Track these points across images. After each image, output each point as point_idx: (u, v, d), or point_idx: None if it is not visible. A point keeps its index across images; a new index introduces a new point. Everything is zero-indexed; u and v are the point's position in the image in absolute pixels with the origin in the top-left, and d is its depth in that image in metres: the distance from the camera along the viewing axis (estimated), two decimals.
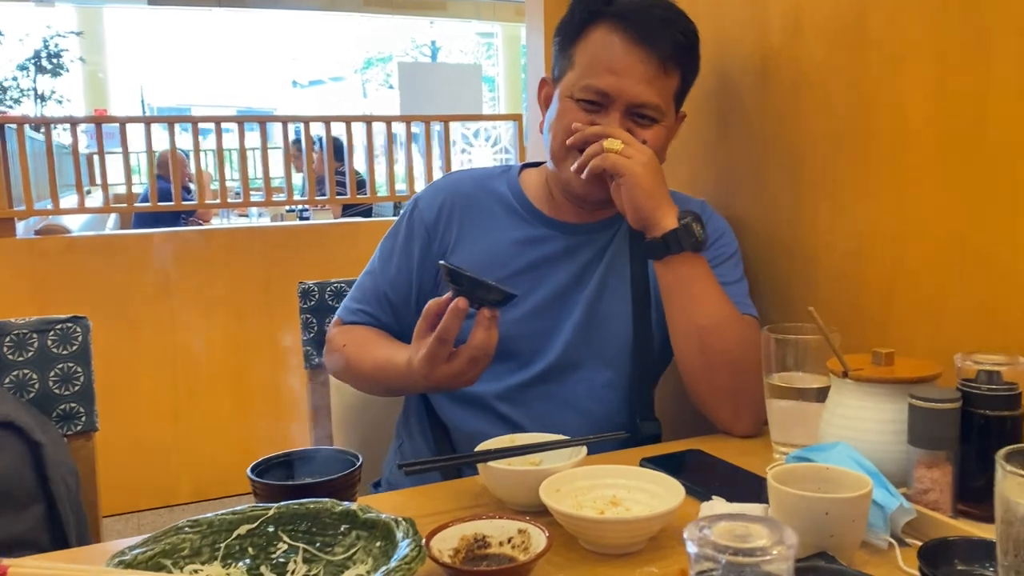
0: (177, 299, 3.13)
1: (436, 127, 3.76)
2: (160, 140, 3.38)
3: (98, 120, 3.25)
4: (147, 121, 3.16)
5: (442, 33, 17.04)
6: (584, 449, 0.98)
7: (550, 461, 1.00)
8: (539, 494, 0.86)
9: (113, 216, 5.44)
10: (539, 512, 0.87)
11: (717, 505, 0.88)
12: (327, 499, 0.80)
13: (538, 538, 0.79)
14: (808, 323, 1.08)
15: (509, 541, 0.82)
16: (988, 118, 1.00)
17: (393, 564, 0.67)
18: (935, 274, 1.08)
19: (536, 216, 1.26)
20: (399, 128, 3.78)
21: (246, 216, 5.89)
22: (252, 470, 0.89)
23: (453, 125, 3.80)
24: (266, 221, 5.31)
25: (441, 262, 1.00)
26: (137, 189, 5.30)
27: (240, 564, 0.77)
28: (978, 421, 0.85)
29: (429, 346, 0.99)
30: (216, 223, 5.40)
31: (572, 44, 1.19)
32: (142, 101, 12.57)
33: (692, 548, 0.51)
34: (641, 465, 1.05)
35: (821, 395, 1.05)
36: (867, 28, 1.15)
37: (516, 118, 4.13)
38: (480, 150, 6.53)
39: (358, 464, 0.90)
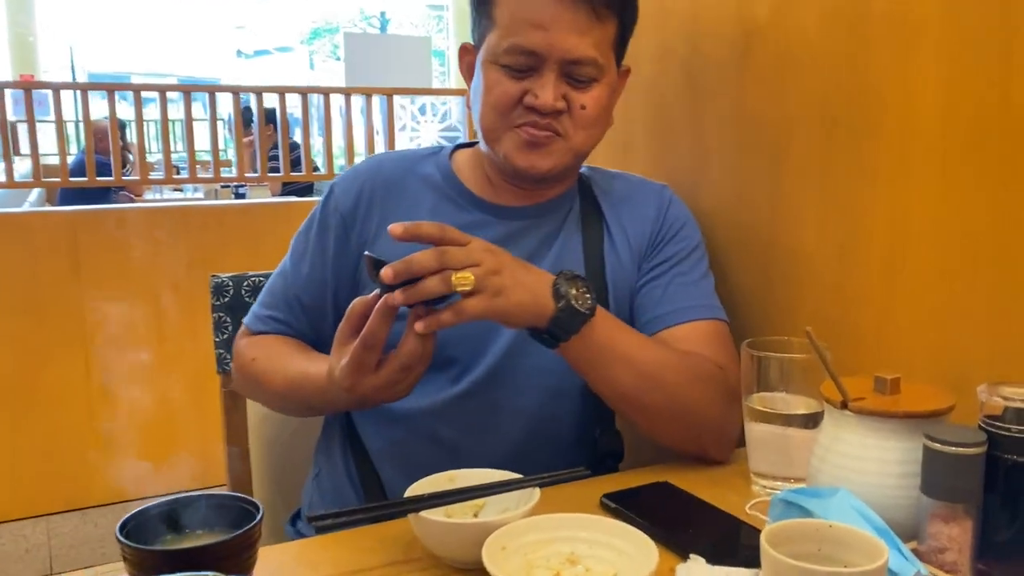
0: (88, 284, 2.86)
1: (379, 103, 3.54)
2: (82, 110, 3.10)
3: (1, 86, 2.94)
4: (56, 88, 2.88)
5: (392, 4, 16.62)
6: (536, 492, 0.82)
7: (495, 505, 0.84)
8: (481, 555, 0.70)
9: (36, 192, 5.09)
10: (481, 570, 0.71)
11: (695, 568, 0.73)
12: (212, 575, 0.63)
13: None
14: (793, 337, 0.95)
15: None
16: (1010, 102, 0.86)
17: None
18: (941, 281, 0.94)
19: (470, 200, 1.10)
20: (339, 101, 3.55)
21: (180, 191, 5.58)
22: (122, 528, 0.71)
23: (399, 100, 3.58)
24: (200, 197, 5.01)
25: (366, 253, 0.85)
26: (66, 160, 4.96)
27: None
28: (1005, 467, 0.72)
29: (353, 353, 0.85)
30: (149, 198, 5.09)
31: (489, 0, 1.03)
32: (72, 67, 11.93)
33: None
34: (601, 503, 0.90)
35: (809, 421, 0.91)
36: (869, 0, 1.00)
37: (464, 93, 3.92)
38: (428, 126, 6.28)
39: (256, 519, 0.72)
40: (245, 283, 1.31)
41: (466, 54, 1.10)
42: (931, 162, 0.94)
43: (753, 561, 0.71)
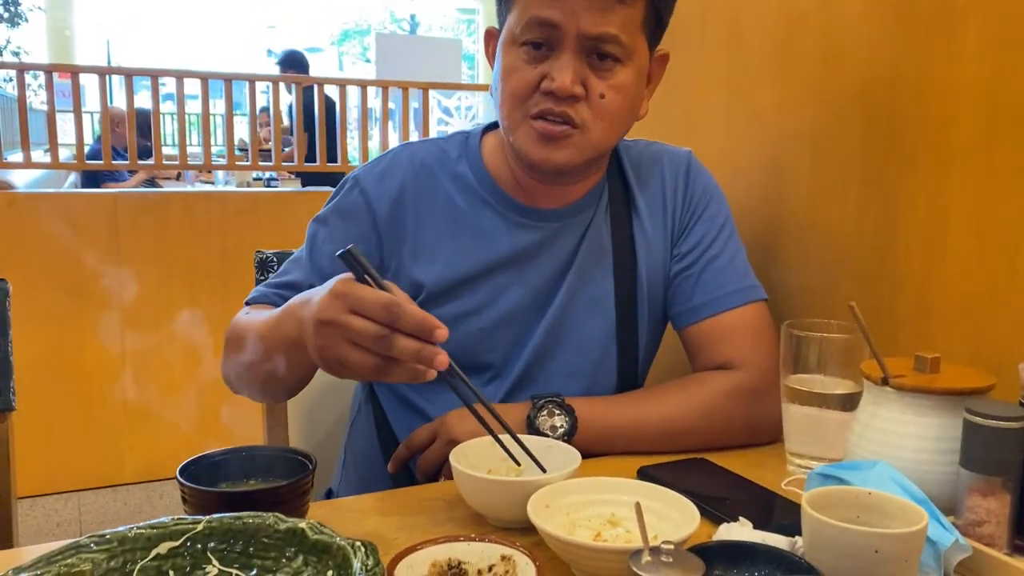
0: (127, 264, 2.92)
1: (414, 97, 3.58)
2: (121, 99, 3.16)
3: (50, 69, 3.01)
4: (102, 72, 2.94)
5: (422, 7, 16.73)
6: (577, 456, 0.84)
7: (536, 468, 0.86)
8: (527, 510, 0.72)
9: (72, 176, 5.19)
10: (524, 529, 0.75)
11: (736, 528, 0.75)
12: (269, 514, 0.66)
13: (524, 568, 0.66)
14: (832, 319, 0.96)
15: (490, 570, 0.68)
16: None
17: None
18: (980, 269, 0.95)
19: (506, 204, 1.06)
20: (375, 103, 3.59)
21: (211, 183, 5.66)
22: (183, 471, 0.74)
23: (431, 95, 3.62)
24: (232, 189, 5.08)
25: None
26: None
27: None
28: None
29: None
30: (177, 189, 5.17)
31: None
32: (108, 59, 12.12)
33: None
34: (639, 474, 0.91)
35: (846, 402, 0.92)
36: None
37: None
38: (459, 125, 6.34)
39: (311, 468, 0.75)
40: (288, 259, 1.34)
41: (491, 39, 1.04)
42: (973, 152, 0.95)
43: (790, 532, 0.73)
